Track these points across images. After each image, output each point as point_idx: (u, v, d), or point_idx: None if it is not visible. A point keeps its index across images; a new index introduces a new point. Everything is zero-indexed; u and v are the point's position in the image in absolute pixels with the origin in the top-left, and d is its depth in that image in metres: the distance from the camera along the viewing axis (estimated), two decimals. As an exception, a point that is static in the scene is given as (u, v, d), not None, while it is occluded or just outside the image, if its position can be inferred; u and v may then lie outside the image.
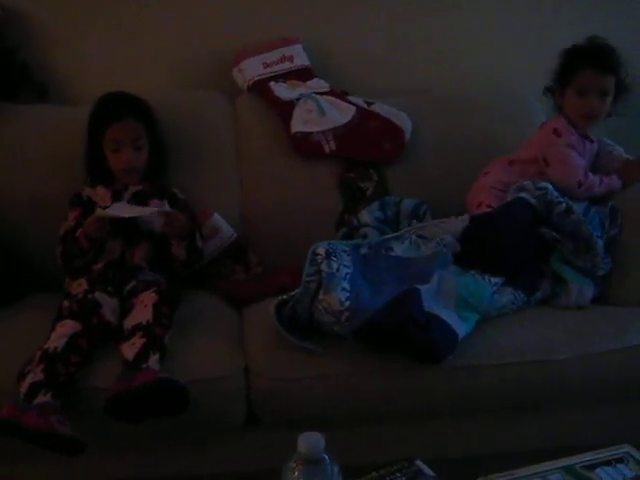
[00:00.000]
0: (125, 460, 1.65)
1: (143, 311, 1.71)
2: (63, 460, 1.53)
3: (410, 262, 1.82)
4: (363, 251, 1.84)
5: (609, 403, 1.77)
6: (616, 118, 2.06)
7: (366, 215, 2.08)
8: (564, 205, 1.85)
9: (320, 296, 1.66)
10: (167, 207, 1.90)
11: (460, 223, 1.88)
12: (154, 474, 1.35)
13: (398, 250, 1.85)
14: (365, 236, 1.99)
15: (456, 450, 1.39)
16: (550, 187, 1.88)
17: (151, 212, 1.91)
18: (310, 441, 0.97)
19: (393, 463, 1.26)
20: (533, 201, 1.85)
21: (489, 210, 1.94)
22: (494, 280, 1.77)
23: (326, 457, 0.98)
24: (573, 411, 1.77)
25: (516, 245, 1.83)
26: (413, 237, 1.88)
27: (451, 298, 1.71)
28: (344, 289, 1.66)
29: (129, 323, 1.70)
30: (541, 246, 1.87)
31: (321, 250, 1.72)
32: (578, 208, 1.88)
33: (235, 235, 2.11)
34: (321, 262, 1.70)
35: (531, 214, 1.86)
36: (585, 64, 1.97)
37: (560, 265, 1.87)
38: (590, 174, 1.99)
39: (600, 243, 1.85)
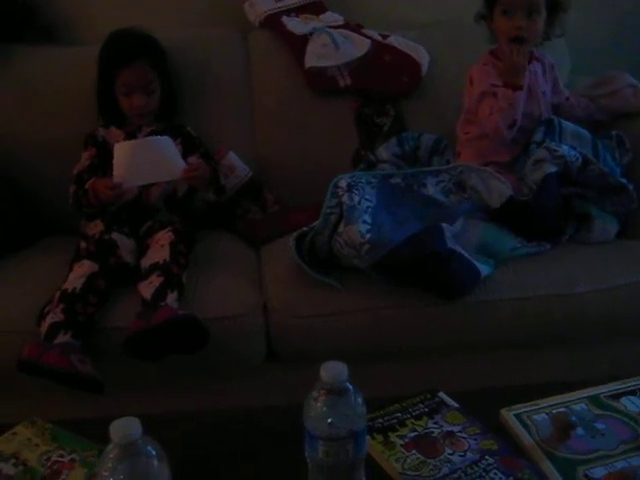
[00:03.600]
0: (145, 398, 1.65)
1: (160, 250, 1.70)
2: (84, 397, 1.53)
3: (438, 204, 1.78)
4: (394, 181, 1.80)
5: (631, 336, 1.75)
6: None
7: (384, 151, 2.04)
8: (580, 159, 1.77)
9: (340, 229, 1.64)
10: (182, 162, 1.85)
11: (498, 197, 1.76)
12: (173, 411, 1.36)
13: (430, 189, 1.80)
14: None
15: (479, 384, 1.37)
16: (564, 148, 1.77)
17: (166, 178, 1.87)
18: (333, 370, 0.96)
19: (416, 395, 1.25)
20: (556, 169, 1.76)
21: (528, 198, 1.76)
22: (519, 238, 1.74)
23: (350, 386, 0.96)
24: (595, 344, 1.75)
25: (551, 221, 1.78)
26: (450, 183, 1.81)
27: (471, 243, 1.68)
28: (365, 222, 1.63)
29: (146, 262, 1.70)
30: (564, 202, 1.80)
31: (343, 183, 1.69)
32: (586, 149, 1.81)
33: (251, 173, 2.08)
34: (342, 195, 1.67)
35: (558, 183, 1.77)
36: None
37: (584, 204, 1.81)
38: (491, 117, 1.82)
39: (630, 186, 1.78)
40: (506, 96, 1.80)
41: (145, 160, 1.81)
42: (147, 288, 1.62)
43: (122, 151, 1.81)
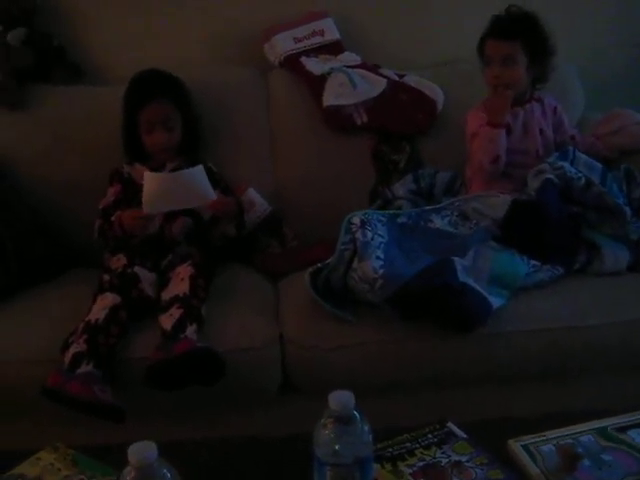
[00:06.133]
0: (164, 427, 1.69)
1: (180, 284, 1.75)
2: (105, 425, 1.58)
3: (448, 235, 1.83)
4: (401, 220, 1.86)
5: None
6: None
7: (400, 187, 2.09)
8: (583, 180, 1.84)
9: (354, 264, 1.68)
10: (213, 195, 1.89)
11: (502, 206, 1.85)
12: (191, 438, 1.40)
13: (438, 223, 1.86)
14: (399, 208, 1.99)
15: (490, 415, 1.40)
16: (566, 165, 1.86)
17: (194, 205, 1.93)
18: (341, 398, 1.00)
19: (425, 426, 1.27)
20: (556, 181, 1.83)
21: (530, 198, 1.86)
22: (532, 262, 1.77)
23: (357, 414, 1.00)
24: (606, 377, 1.77)
25: (556, 230, 1.82)
26: (454, 216, 1.88)
27: (484, 274, 1.71)
28: (378, 257, 1.67)
29: (166, 295, 1.75)
30: (571, 220, 1.86)
31: (356, 219, 1.74)
32: (595, 178, 1.87)
33: (270, 209, 2.13)
34: (356, 231, 1.71)
35: (558, 193, 1.85)
36: (488, 35, 1.97)
37: (592, 233, 1.86)
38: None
39: (628, 210, 1.83)
40: (487, 133, 1.93)
41: (175, 191, 1.86)
42: (167, 320, 1.67)
43: (153, 182, 1.85)
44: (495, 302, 1.68)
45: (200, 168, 1.88)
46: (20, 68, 2.21)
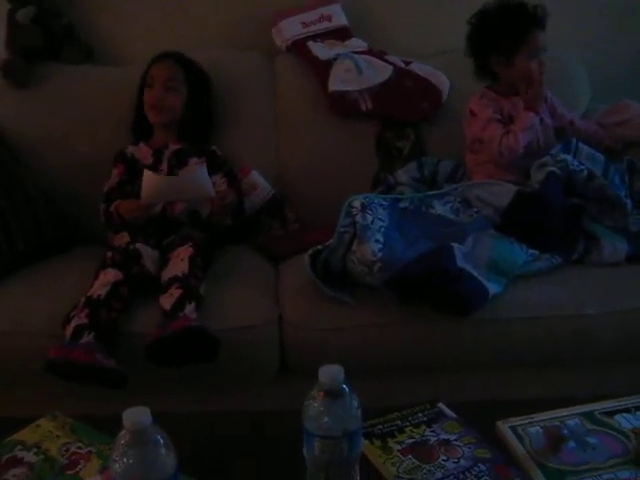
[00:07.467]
0: (161, 401, 1.70)
1: (179, 264, 1.78)
2: (103, 397, 1.60)
3: (448, 222, 1.85)
4: (403, 205, 1.87)
5: (637, 359, 1.78)
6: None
7: (403, 174, 2.11)
8: (586, 172, 1.85)
9: (353, 247, 1.70)
10: (212, 191, 1.92)
11: (506, 195, 1.86)
12: (185, 411, 1.43)
13: (439, 209, 1.88)
14: (401, 194, 2.00)
15: (481, 399, 1.42)
16: (569, 158, 1.87)
17: (199, 198, 1.96)
18: (330, 372, 1.02)
19: (416, 405, 1.30)
20: (559, 173, 1.85)
21: (534, 189, 1.86)
22: (531, 251, 1.79)
23: (346, 388, 1.03)
24: (601, 365, 1.78)
25: (557, 222, 1.84)
26: (456, 203, 1.90)
27: (482, 260, 1.73)
28: (377, 241, 1.69)
29: (166, 275, 1.77)
30: (571, 212, 1.88)
31: (357, 203, 1.76)
32: (597, 170, 1.89)
33: (273, 192, 2.16)
34: (356, 214, 1.73)
35: (561, 186, 1.86)
36: (533, 26, 1.95)
37: (591, 223, 1.88)
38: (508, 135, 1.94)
39: (629, 203, 1.85)
40: (530, 118, 1.93)
41: (173, 189, 1.91)
42: (167, 300, 1.69)
43: (153, 181, 1.88)
44: (492, 288, 1.70)
45: (202, 170, 1.91)
46: (29, 47, 2.24)
